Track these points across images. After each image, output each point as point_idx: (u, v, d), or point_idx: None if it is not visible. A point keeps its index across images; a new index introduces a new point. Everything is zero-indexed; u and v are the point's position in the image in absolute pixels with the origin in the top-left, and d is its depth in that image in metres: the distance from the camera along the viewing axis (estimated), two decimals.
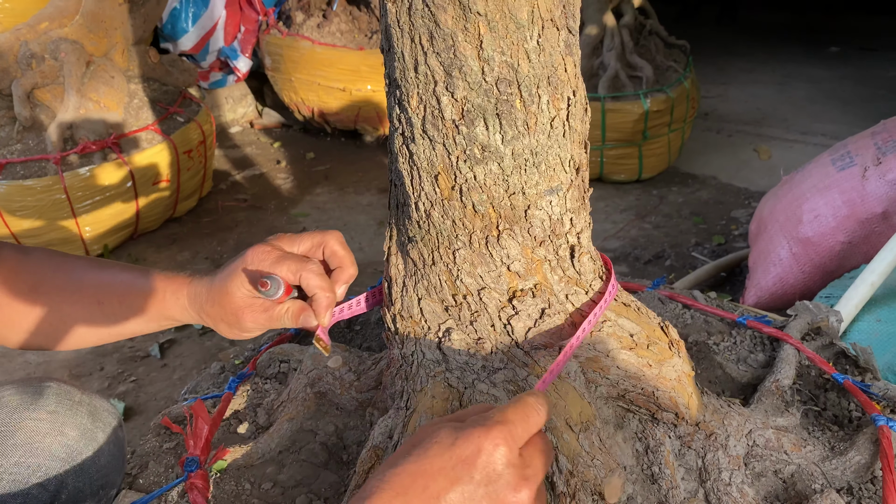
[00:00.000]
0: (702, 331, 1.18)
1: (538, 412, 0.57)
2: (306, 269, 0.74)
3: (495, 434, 0.53)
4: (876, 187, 1.61)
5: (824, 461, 0.88)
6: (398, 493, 0.51)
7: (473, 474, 0.52)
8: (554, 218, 0.74)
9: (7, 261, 0.84)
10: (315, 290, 0.74)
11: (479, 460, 0.52)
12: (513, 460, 0.54)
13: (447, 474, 0.52)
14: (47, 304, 0.83)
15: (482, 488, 0.52)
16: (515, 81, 0.65)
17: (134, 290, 0.82)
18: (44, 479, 0.78)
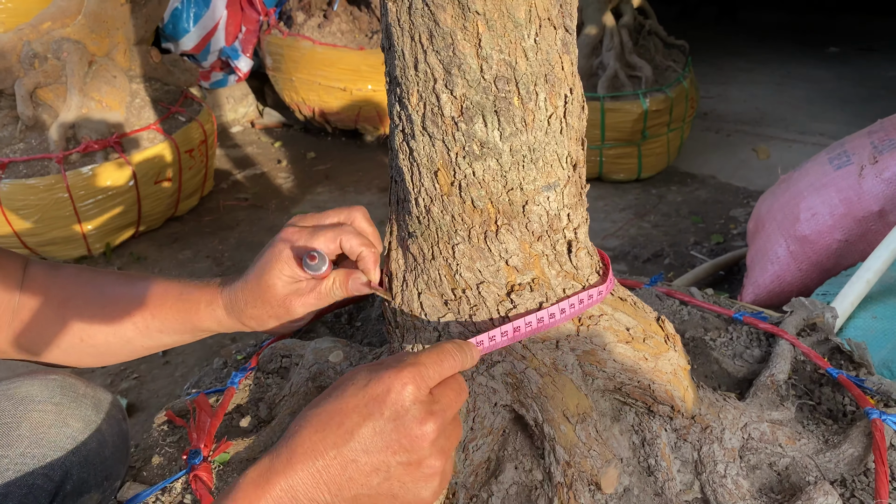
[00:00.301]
0: (698, 327, 1.19)
1: (453, 357, 0.63)
2: (344, 233, 0.76)
3: (405, 374, 0.58)
4: (872, 186, 1.62)
5: (818, 454, 0.90)
6: (317, 430, 0.57)
7: (384, 410, 0.57)
8: (551, 213, 0.75)
9: (36, 277, 0.84)
10: (359, 248, 0.76)
11: (388, 398, 0.58)
12: (420, 397, 0.59)
13: (360, 411, 0.57)
14: (77, 320, 0.83)
15: (391, 423, 0.57)
16: (513, 79, 0.67)
17: (166, 304, 0.82)
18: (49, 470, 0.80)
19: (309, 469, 0.56)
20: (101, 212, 2.39)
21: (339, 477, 0.57)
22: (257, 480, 0.56)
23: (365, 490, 0.58)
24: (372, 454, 0.57)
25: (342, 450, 0.57)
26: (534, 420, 0.77)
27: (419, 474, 0.59)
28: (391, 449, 0.58)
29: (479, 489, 0.78)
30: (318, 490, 0.57)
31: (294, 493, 0.56)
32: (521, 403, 0.77)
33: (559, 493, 0.74)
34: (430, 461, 0.59)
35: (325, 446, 0.57)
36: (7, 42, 2.39)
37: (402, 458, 0.58)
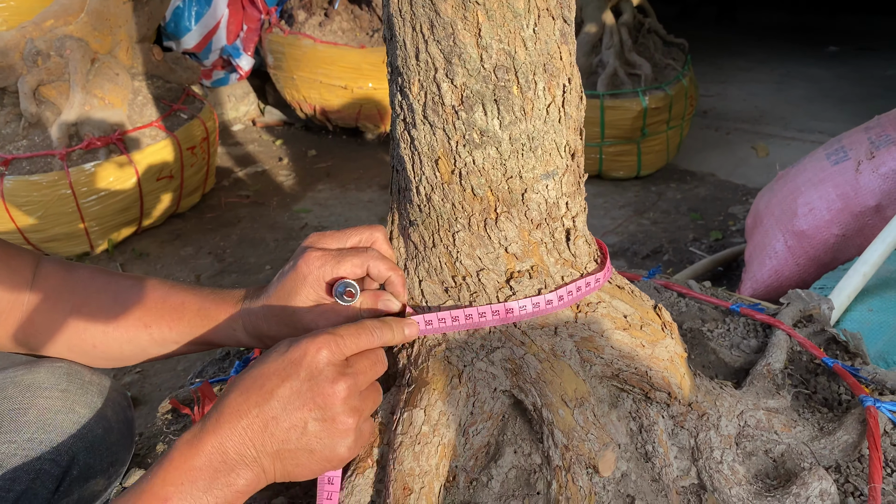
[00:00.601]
0: (696, 318, 1.21)
1: (371, 333, 0.69)
2: (370, 258, 0.76)
3: (320, 341, 0.65)
4: (869, 181, 1.64)
5: (813, 441, 0.91)
6: (241, 393, 0.64)
7: (300, 372, 0.64)
8: (550, 201, 0.76)
9: (51, 277, 0.84)
10: (387, 273, 0.77)
11: (304, 360, 0.64)
12: (333, 360, 0.65)
13: (279, 374, 0.64)
14: (91, 326, 0.83)
15: (306, 383, 0.64)
16: (513, 68, 0.68)
17: (185, 318, 0.82)
18: (56, 455, 0.81)
19: (235, 427, 0.63)
20: (104, 208, 2.40)
21: (262, 433, 0.63)
22: (191, 441, 0.62)
23: (285, 445, 0.64)
24: (290, 411, 0.63)
25: (263, 408, 0.63)
26: (532, 405, 0.78)
27: (333, 430, 0.65)
28: (307, 406, 0.64)
29: (479, 472, 0.79)
30: (244, 446, 0.63)
31: (223, 450, 0.62)
32: (521, 388, 0.79)
33: (558, 476, 0.76)
34: (342, 418, 0.65)
35: (248, 406, 0.63)
36: (10, 40, 2.41)
37: (316, 414, 0.64)
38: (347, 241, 0.79)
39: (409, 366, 0.80)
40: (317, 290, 0.76)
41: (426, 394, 0.75)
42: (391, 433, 0.75)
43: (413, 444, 0.72)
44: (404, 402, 0.76)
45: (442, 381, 0.76)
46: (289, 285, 0.76)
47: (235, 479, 0.62)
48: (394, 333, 0.72)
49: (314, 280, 0.75)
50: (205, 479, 0.61)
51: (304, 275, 0.75)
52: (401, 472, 0.71)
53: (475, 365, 0.79)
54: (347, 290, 0.74)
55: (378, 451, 0.76)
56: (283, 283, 0.77)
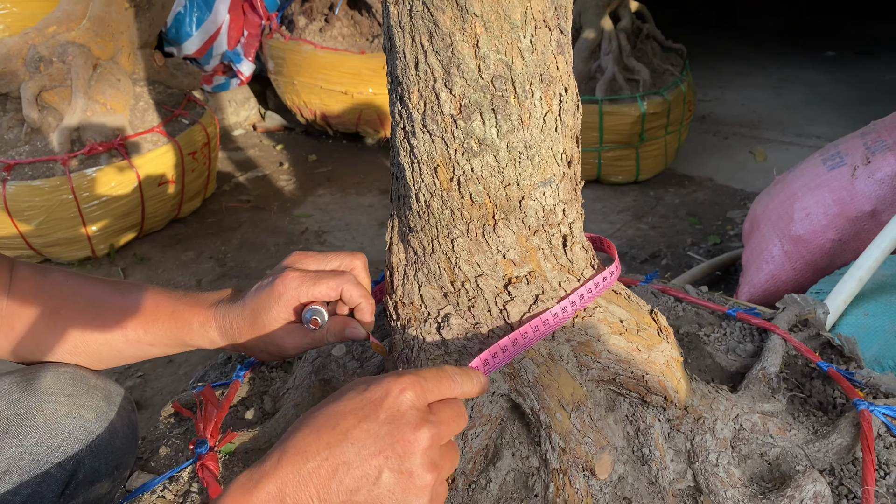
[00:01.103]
0: (693, 322, 1.22)
1: (453, 381, 0.63)
2: (345, 283, 0.78)
3: (404, 381, 0.59)
4: (865, 186, 1.65)
5: (808, 444, 0.92)
6: (312, 431, 0.57)
7: (379, 413, 0.57)
8: (547, 208, 0.78)
9: (25, 280, 0.85)
10: (358, 300, 0.79)
11: (385, 402, 0.58)
12: (417, 404, 0.59)
13: (356, 414, 0.58)
14: (68, 327, 0.84)
15: (386, 426, 0.57)
16: (510, 78, 0.69)
17: (158, 320, 0.84)
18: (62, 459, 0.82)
19: (299, 470, 0.56)
20: (105, 213, 2.41)
21: (329, 479, 0.56)
22: (246, 485, 0.56)
23: (353, 497, 0.57)
24: (364, 457, 0.57)
25: (334, 450, 0.56)
26: (530, 408, 0.79)
27: (409, 485, 0.57)
28: (384, 453, 0.57)
29: (478, 475, 0.80)
30: (306, 492, 0.56)
31: (281, 496, 0.55)
32: (519, 392, 0.80)
33: (555, 479, 0.77)
34: (420, 472, 0.58)
35: (317, 447, 0.57)
36: (13, 46, 2.42)
37: (393, 463, 0.57)
38: (328, 265, 0.82)
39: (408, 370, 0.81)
40: (287, 310, 0.78)
41: None
42: None
43: None
44: None
45: None
46: (263, 300, 0.78)
47: None
48: (473, 384, 0.66)
49: (287, 300, 0.77)
50: None
51: (278, 293, 0.77)
52: None
53: None
54: (313, 319, 0.77)
55: None
56: (258, 297, 0.79)
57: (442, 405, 0.62)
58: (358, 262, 0.83)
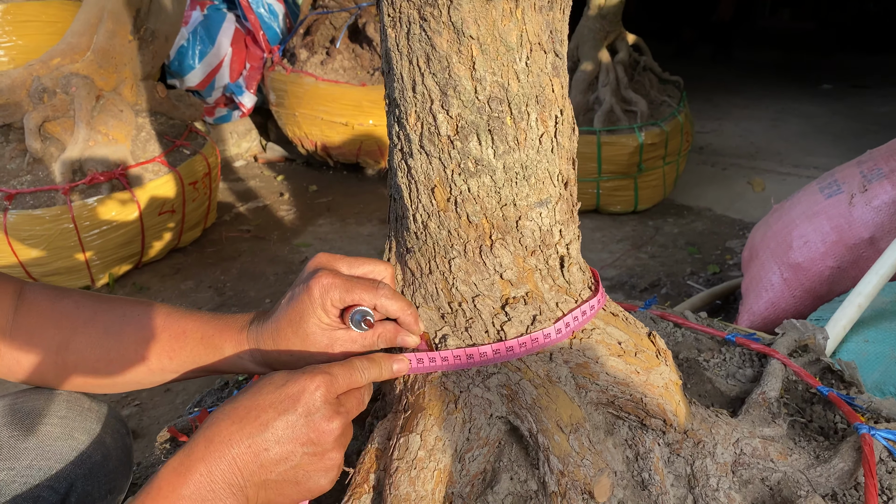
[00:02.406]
0: (692, 348, 1.21)
1: (361, 373, 0.71)
2: (380, 295, 0.74)
3: (318, 379, 0.66)
4: (862, 213, 1.66)
5: (809, 469, 0.91)
6: (234, 422, 0.64)
7: (297, 408, 0.65)
8: (544, 229, 0.78)
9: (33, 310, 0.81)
10: (398, 313, 0.76)
11: (302, 398, 0.65)
12: (329, 399, 0.67)
13: (276, 407, 0.65)
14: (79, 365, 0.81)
15: (303, 419, 0.65)
16: (506, 100, 0.70)
17: (186, 348, 0.79)
18: (54, 482, 0.81)
19: (224, 455, 0.63)
20: (106, 242, 2.42)
21: (252, 464, 0.64)
22: (178, 469, 0.62)
23: (273, 476, 0.65)
24: (282, 444, 0.64)
25: (256, 439, 0.64)
26: (528, 430, 0.78)
27: (321, 464, 0.66)
28: (300, 441, 0.65)
29: (475, 499, 0.79)
30: (232, 475, 0.63)
31: (212, 478, 0.62)
32: (517, 414, 0.79)
33: (553, 502, 0.76)
34: (331, 454, 0.67)
35: (241, 436, 0.64)
36: (17, 77, 2.45)
37: (308, 449, 0.65)
38: (357, 269, 0.78)
39: (406, 391, 0.81)
40: (330, 315, 0.73)
41: (422, 419, 0.76)
42: (388, 458, 0.75)
43: (409, 469, 0.73)
44: (401, 427, 0.77)
45: (438, 406, 0.77)
46: (301, 307, 0.73)
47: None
48: (381, 371, 0.74)
49: (326, 304, 0.72)
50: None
51: (316, 297, 0.72)
52: (397, 497, 0.72)
53: (471, 391, 0.80)
54: (366, 319, 0.73)
55: (374, 477, 0.76)
56: (293, 307, 0.74)
57: (348, 396, 0.70)
58: (388, 273, 0.80)
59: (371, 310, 0.74)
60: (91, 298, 0.83)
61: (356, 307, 0.73)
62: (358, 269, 0.79)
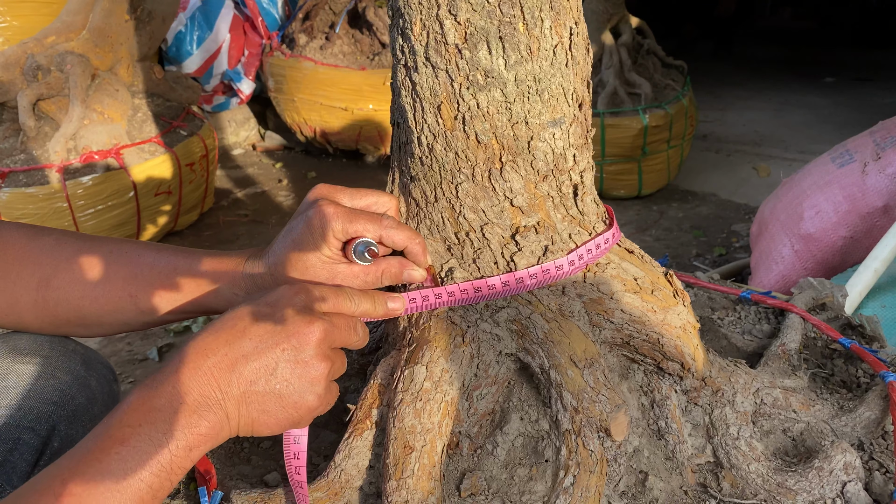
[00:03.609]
0: (706, 307, 1.17)
1: (350, 299, 0.66)
2: (385, 226, 0.69)
3: (297, 286, 0.64)
4: (876, 181, 1.62)
5: (833, 419, 0.87)
6: (211, 333, 0.61)
7: (275, 313, 0.61)
8: (557, 152, 0.73)
9: (10, 248, 0.76)
10: (405, 242, 0.71)
11: (280, 302, 0.62)
12: (309, 305, 0.63)
13: (253, 314, 0.61)
14: (63, 304, 0.76)
15: (281, 323, 0.61)
16: (518, 3, 0.66)
17: (178, 283, 0.75)
18: (35, 423, 0.76)
19: (200, 366, 0.59)
20: (100, 223, 2.37)
21: (229, 373, 0.59)
22: (151, 384, 0.58)
23: (253, 387, 0.60)
24: (261, 350, 0.60)
25: (233, 346, 0.60)
26: (540, 366, 0.74)
27: (304, 374, 0.61)
28: (280, 345, 0.60)
29: (484, 440, 0.75)
30: (208, 387, 0.59)
31: (186, 390, 0.58)
32: (527, 350, 0.75)
33: (567, 441, 0.71)
34: (314, 362, 0.61)
35: (217, 345, 0.60)
36: (11, 55, 2.41)
37: (289, 354, 0.60)
38: (360, 202, 0.74)
39: (410, 327, 0.76)
40: (331, 247, 0.69)
41: (428, 351, 0.71)
42: (391, 393, 0.71)
43: (414, 400, 0.68)
44: (405, 360, 0.72)
45: (444, 339, 0.73)
46: (299, 241, 0.69)
47: (198, 422, 0.58)
48: (374, 306, 0.69)
49: (329, 235, 0.68)
50: (164, 421, 0.56)
51: (317, 228, 0.68)
52: (401, 430, 0.67)
53: (479, 326, 0.75)
54: (369, 249, 0.68)
55: (377, 412, 0.72)
56: (292, 239, 0.70)
57: (336, 315, 0.64)
58: (392, 204, 0.75)
59: (375, 242, 0.70)
60: (74, 236, 0.79)
61: (359, 239, 0.69)
62: (360, 201, 0.74)
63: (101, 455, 0.54)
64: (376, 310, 0.69)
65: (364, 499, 0.70)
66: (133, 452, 0.55)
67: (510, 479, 0.72)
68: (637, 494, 0.77)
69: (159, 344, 2.00)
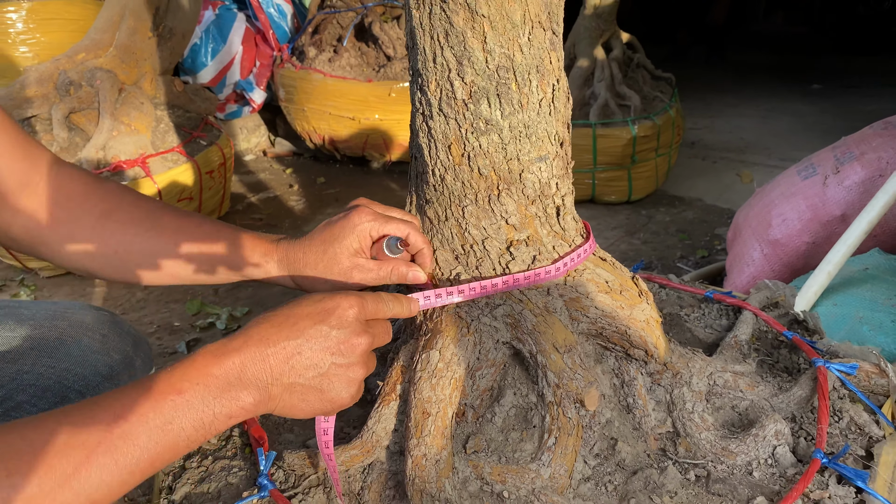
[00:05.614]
0: (675, 304, 1.36)
1: (387, 304, 0.79)
2: (412, 228, 0.88)
3: (351, 300, 0.73)
4: (835, 193, 1.80)
5: (773, 397, 1.05)
6: (274, 326, 0.70)
7: (331, 320, 0.71)
8: (543, 181, 0.92)
9: (78, 182, 0.85)
10: (422, 245, 0.90)
11: (336, 312, 0.72)
12: (360, 318, 0.74)
13: (312, 317, 0.71)
14: (119, 234, 0.84)
15: (335, 330, 0.71)
16: (511, 69, 0.85)
17: (220, 242, 0.86)
18: (84, 388, 0.90)
19: (260, 353, 0.67)
20: None
21: (283, 364, 0.69)
22: (216, 352, 0.66)
23: (299, 380, 0.70)
24: (315, 351, 0.70)
25: (291, 342, 0.69)
26: (529, 352, 0.93)
27: (345, 377, 0.72)
28: (331, 350, 0.71)
29: (485, 411, 0.94)
30: (263, 371, 0.67)
31: (243, 369, 0.66)
32: (519, 339, 0.93)
33: (550, 410, 0.90)
34: (356, 367, 0.73)
35: (278, 338, 0.69)
36: (45, 71, 2.59)
37: (337, 359, 0.71)
38: (391, 212, 0.93)
39: (426, 321, 0.95)
40: (361, 241, 0.85)
41: (440, 339, 0.90)
42: (412, 372, 0.89)
43: (430, 377, 0.87)
44: (422, 346, 0.91)
45: (453, 330, 0.91)
46: (337, 230, 0.85)
47: (245, 398, 0.66)
48: (402, 307, 0.82)
49: (362, 231, 0.85)
50: (218, 387, 0.64)
51: (354, 224, 0.85)
52: (420, 400, 0.86)
53: (481, 319, 0.94)
54: (401, 241, 0.87)
55: (400, 387, 0.90)
56: (331, 228, 0.86)
57: (375, 323, 0.77)
58: (415, 221, 0.94)
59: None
60: (133, 189, 0.89)
61: (389, 236, 0.88)
62: (391, 213, 0.93)
63: (159, 398, 0.61)
64: (403, 311, 0.82)
65: (390, 455, 0.89)
66: (185, 405, 0.62)
67: (505, 440, 0.91)
68: (608, 456, 0.95)
69: (187, 339, 2.19)
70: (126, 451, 0.58)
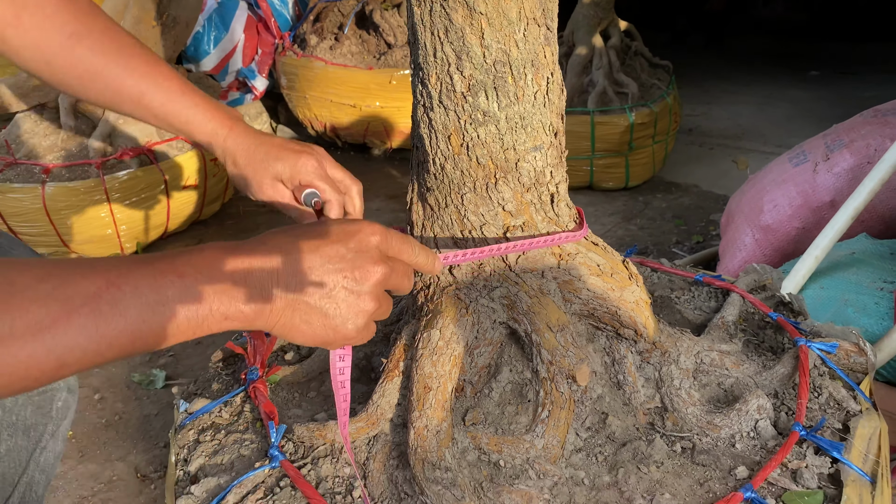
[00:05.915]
0: (666, 287, 1.41)
1: (413, 249, 0.73)
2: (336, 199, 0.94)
3: (375, 227, 0.69)
4: (824, 179, 1.85)
5: (757, 374, 1.11)
6: (291, 238, 0.66)
7: (350, 242, 0.67)
8: (538, 170, 0.97)
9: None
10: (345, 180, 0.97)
11: (357, 236, 0.68)
12: (381, 247, 0.69)
13: (331, 235, 0.67)
14: (86, 62, 0.85)
15: (353, 252, 0.67)
16: (508, 63, 0.89)
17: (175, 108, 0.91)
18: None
19: (270, 259, 0.63)
20: (134, 214, 2.61)
21: (292, 276, 0.63)
22: (226, 248, 0.62)
23: (306, 297, 0.64)
24: (327, 269, 0.65)
25: (306, 255, 0.64)
26: (524, 331, 0.98)
27: (354, 305, 0.66)
28: (343, 272, 0.65)
29: (483, 386, 0.99)
30: (270, 279, 0.62)
31: (250, 270, 0.61)
32: (515, 319, 0.99)
33: (544, 386, 0.96)
34: (367, 298, 0.67)
35: (292, 248, 0.64)
36: None
37: (349, 283, 0.66)
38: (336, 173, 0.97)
39: (427, 302, 1.01)
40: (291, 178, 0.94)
41: (440, 319, 0.96)
42: (414, 350, 0.95)
43: (431, 354, 0.93)
44: (423, 326, 0.96)
45: (453, 311, 0.97)
46: (284, 154, 0.94)
47: (245, 301, 0.61)
48: (427, 258, 0.75)
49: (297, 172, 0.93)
50: (221, 282, 0.60)
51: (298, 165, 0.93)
52: (422, 375, 0.91)
53: (479, 301, 0.99)
54: (316, 202, 0.94)
55: (403, 364, 0.96)
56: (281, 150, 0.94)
57: (397, 262, 0.71)
58: (355, 189, 0.98)
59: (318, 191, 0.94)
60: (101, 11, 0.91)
61: (311, 190, 0.94)
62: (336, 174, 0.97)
63: (158, 275, 0.57)
64: (427, 263, 0.75)
65: (394, 427, 0.95)
66: (184, 289, 0.58)
67: (502, 413, 0.97)
68: (599, 429, 1.01)
69: None
70: (111, 319, 0.53)
